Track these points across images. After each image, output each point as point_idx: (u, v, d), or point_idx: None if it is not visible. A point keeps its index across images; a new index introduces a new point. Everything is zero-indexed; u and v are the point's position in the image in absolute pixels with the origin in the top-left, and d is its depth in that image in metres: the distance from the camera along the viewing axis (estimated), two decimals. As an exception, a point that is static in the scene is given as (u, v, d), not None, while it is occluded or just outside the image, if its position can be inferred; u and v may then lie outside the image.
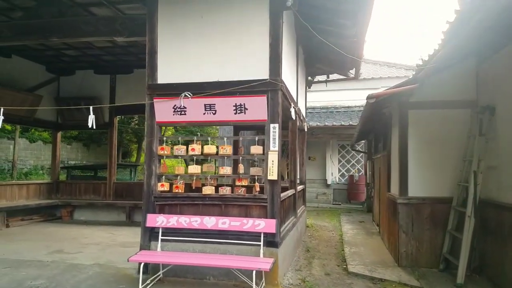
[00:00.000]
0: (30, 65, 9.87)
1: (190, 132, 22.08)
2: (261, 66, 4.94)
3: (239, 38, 5.07)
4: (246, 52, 5.04)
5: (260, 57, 4.96)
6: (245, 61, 5.03)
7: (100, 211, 10.33)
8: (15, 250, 6.45)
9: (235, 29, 5.10)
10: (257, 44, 4.99)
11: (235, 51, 5.09)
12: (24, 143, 21.27)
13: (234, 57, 5.10)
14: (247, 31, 5.06)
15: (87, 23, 5.60)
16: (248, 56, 5.03)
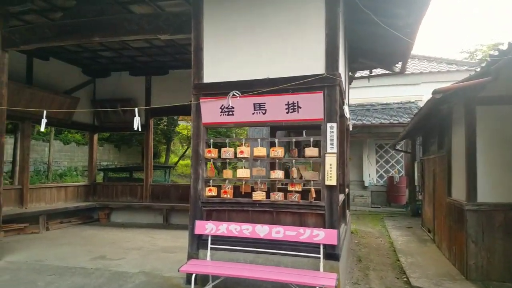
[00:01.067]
0: (67, 68, 9.88)
1: (218, 133, 21.91)
2: (316, 60, 4.54)
3: (292, 30, 4.69)
4: (299, 45, 4.66)
5: (315, 50, 4.57)
6: (298, 55, 4.65)
7: (137, 213, 10.23)
8: (57, 256, 6.35)
9: (287, 20, 4.72)
10: (311, 36, 4.60)
11: (287, 44, 4.71)
12: (59, 145, 21.72)
13: (285, 51, 4.72)
14: (300, 22, 4.66)
15: (130, 21, 5.37)
16: (301, 49, 4.65)
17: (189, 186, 4.73)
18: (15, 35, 5.97)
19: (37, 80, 8.89)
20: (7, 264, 5.83)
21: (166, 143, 26.31)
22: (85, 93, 10.34)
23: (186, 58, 9.25)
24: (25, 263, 5.85)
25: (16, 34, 5.97)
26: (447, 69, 16.19)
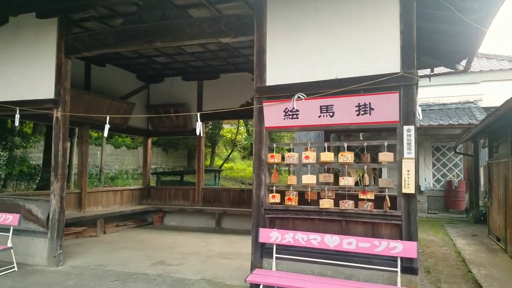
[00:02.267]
0: (123, 74, 10.13)
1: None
2: (390, 57, 4.22)
3: (361, 27, 4.39)
4: (370, 43, 4.35)
5: (388, 47, 4.24)
6: (369, 53, 4.34)
7: (189, 217, 10.27)
8: (118, 260, 6.41)
9: (356, 16, 4.43)
10: (384, 32, 4.28)
11: (356, 43, 4.42)
12: (110, 149, 22.61)
13: (355, 50, 4.42)
14: (371, 18, 4.36)
15: (192, 25, 5.31)
16: (372, 47, 4.33)
17: (241, 191, 4.59)
18: (77, 42, 6.12)
19: (95, 86, 9.17)
20: (70, 268, 5.94)
21: (211, 147, 26.64)
22: (140, 99, 10.55)
23: (238, 61, 9.20)
24: (87, 268, 5.94)
25: (78, 41, 6.12)
26: (509, 66, 14.99)
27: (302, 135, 13.16)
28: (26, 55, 6.46)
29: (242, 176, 25.41)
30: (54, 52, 6.16)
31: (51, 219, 6.04)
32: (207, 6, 5.99)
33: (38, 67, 6.33)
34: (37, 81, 6.30)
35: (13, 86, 6.49)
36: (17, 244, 5.89)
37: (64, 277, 5.49)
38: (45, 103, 6.16)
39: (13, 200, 6.50)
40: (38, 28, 6.37)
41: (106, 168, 21.25)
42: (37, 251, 6.09)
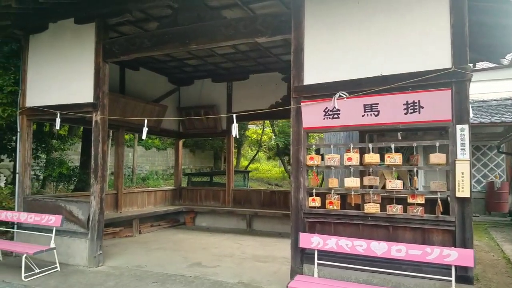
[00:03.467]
0: (155, 77, 10.25)
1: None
2: (440, 52, 4.00)
3: (407, 21, 4.20)
4: (417, 37, 4.14)
5: (438, 41, 4.03)
6: (417, 48, 4.13)
7: (220, 218, 10.26)
8: (155, 261, 6.44)
9: (401, 10, 4.23)
10: (432, 26, 4.06)
11: (402, 37, 4.22)
12: (141, 150, 23.07)
13: (400, 45, 4.23)
14: (418, 10, 4.16)
15: (227, 26, 5.25)
16: (420, 41, 4.13)
17: (271, 192, 4.47)
18: (115, 46, 6.19)
19: (129, 90, 9.31)
20: (109, 269, 6.01)
21: (237, 147, 26.71)
22: (171, 101, 10.65)
23: (268, 61, 9.10)
24: (126, 269, 6.00)
25: (115, 45, 6.20)
26: (556, 59, 14.10)
27: (332, 136, 12.89)
28: (65, 60, 6.61)
29: (268, 176, 25.30)
30: (92, 56, 6.26)
31: (91, 220, 6.15)
32: (241, 6, 5.92)
33: (77, 72, 6.46)
34: (77, 85, 6.43)
35: (54, 91, 6.65)
36: (58, 245, 6.03)
37: (104, 277, 5.56)
38: (84, 107, 6.28)
39: (55, 202, 6.67)
40: (77, 34, 6.50)
41: (137, 169, 21.71)
42: (78, 252, 6.22)
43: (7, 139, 9.24)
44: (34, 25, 6.85)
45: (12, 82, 7.19)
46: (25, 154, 6.96)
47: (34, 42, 6.97)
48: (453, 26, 3.94)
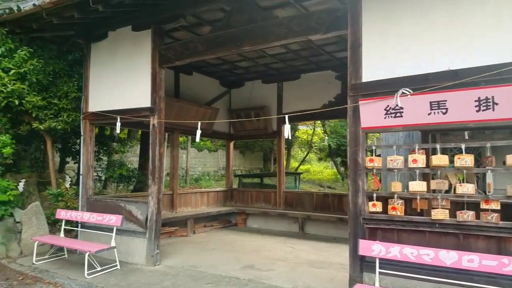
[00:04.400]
0: (207, 80, 10.45)
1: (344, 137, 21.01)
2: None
3: (477, 8, 3.82)
4: (489, 27, 3.76)
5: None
6: (489, 39, 3.75)
7: (272, 220, 10.18)
8: (209, 262, 6.51)
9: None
10: (508, 13, 3.65)
11: (471, 27, 3.86)
12: (193, 152, 23.72)
13: (470, 35, 3.87)
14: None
15: (280, 25, 5.17)
16: (492, 32, 3.74)
17: (324, 195, 4.27)
18: (170, 51, 6.35)
19: (183, 94, 9.56)
20: (166, 268, 6.16)
21: (286, 148, 26.53)
22: (223, 104, 10.79)
23: (321, 59, 8.89)
24: (181, 269, 6.11)
25: (171, 50, 6.35)
26: None
27: (389, 136, 12.30)
28: (124, 66, 6.90)
29: (320, 178, 24.81)
30: (149, 62, 6.47)
31: (149, 220, 6.34)
32: (293, 5, 5.81)
33: (135, 78, 6.72)
34: (135, 90, 6.68)
35: (114, 96, 6.97)
36: (118, 243, 6.28)
37: (161, 277, 5.69)
38: (142, 111, 6.51)
39: (115, 202, 6.98)
40: (134, 41, 6.76)
41: (190, 170, 22.35)
42: (137, 251, 6.44)
43: (71, 143, 9.88)
44: (95, 34, 7.24)
45: (76, 88, 7.66)
46: (88, 157, 7.36)
47: (95, 50, 7.36)
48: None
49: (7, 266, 6.04)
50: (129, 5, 5.86)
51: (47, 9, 5.96)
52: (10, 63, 6.92)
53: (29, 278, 5.46)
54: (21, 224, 6.86)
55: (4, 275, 5.57)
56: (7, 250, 6.59)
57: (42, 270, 5.87)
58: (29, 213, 6.92)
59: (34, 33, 7.14)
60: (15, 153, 7.38)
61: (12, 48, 7.06)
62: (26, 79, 7.08)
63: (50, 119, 7.43)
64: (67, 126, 7.66)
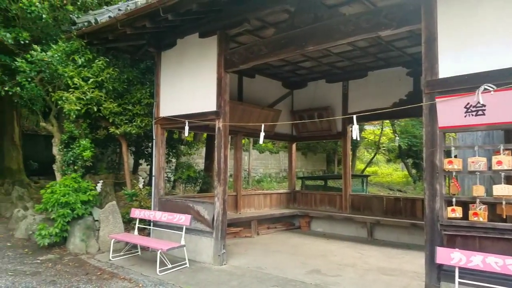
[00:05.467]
0: (269, 83, 10.49)
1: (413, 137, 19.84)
2: None
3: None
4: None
5: None
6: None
7: (337, 224, 9.90)
8: (274, 264, 6.49)
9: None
10: None
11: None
12: (255, 154, 24.01)
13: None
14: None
15: (346, 23, 5.01)
16: None
17: (395, 199, 3.98)
18: (234, 56, 6.46)
19: (246, 97, 9.70)
20: (232, 268, 6.25)
21: (352, 149, 25.73)
22: (285, 105, 10.76)
23: (390, 56, 8.48)
24: (247, 270, 6.16)
25: (235, 55, 6.46)
26: None
27: (467, 136, 11.35)
28: (191, 72, 7.17)
29: (389, 181, 23.69)
30: (214, 67, 6.65)
31: (215, 220, 6.50)
32: (361, 1, 5.60)
33: (201, 83, 6.94)
34: (201, 95, 6.90)
35: (182, 101, 7.27)
36: (187, 242, 6.50)
37: (228, 276, 5.79)
38: (209, 115, 6.70)
39: (184, 202, 7.26)
40: (200, 47, 6.99)
41: (252, 172, 22.65)
42: (204, 250, 6.63)
43: (144, 146, 10.52)
44: (164, 42, 7.62)
45: (148, 95, 8.12)
46: (160, 159, 7.76)
47: (165, 58, 7.74)
48: None
49: (86, 261, 6.53)
50: (196, 13, 6.07)
51: (121, 20, 6.40)
52: (89, 72, 7.52)
53: (106, 273, 5.84)
54: (99, 222, 7.39)
55: (84, 270, 6.02)
56: (87, 246, 7.14)
57: (118, 266, 6.25)
58: (106, 212, 7.43)
59: (110, 43, 7.72)
60: (94, 156, 8.01)
61: (90, 58, 7.68)
62: (103, 87, 7.65)
63: (125, 124, 7.96)
64: (141, 130, 8.14)
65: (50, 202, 6.96)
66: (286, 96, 10.85)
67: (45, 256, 6.65)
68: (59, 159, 8.13)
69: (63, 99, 7.30)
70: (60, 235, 7.00)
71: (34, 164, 16.11)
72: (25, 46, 7.98)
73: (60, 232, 6.96)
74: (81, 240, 7.10)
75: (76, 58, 7.50)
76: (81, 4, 8.28)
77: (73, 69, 7.44)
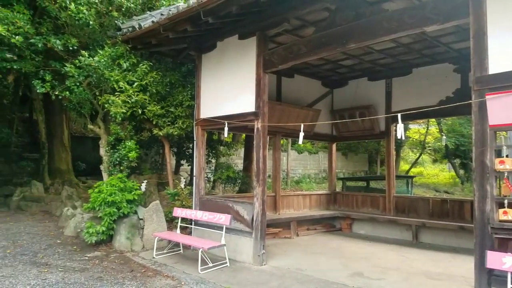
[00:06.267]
0: (308, 82, 10.39)
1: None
2: None
3: None
4: None
5: None
6: None
7: (380, 226, 9.60)
8: (314, 266, 6.41)
9: None
10: None
11: None
12: (294, 154, 23.86)
13: None
14: None
15: (390, 19, 4.86)
16: None
17: (442, 201, 3.78)
18: (273, 56, 6.46)
19: (284, 97, 9.67)
20: (272, 269, 6.24)
21: (395, 149, 24.88)
22: (324, 105, 10.62)
23: (435, 52, 8.14)
24: (287, 270, 6.13)
25: (274, 55, 6.46)
26: None
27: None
28: (230, 74, 7.27)
29: (435, 182, 22.68)
30: (253, 69, 6.68)
31: (255, 220, 6.53)
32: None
33: (240, 84, 7.01)
34: (240, 96, 6.97)
35: (222, 103, 7.38)
36: (227, 241, 6.57)
37: (268, 277, 5.79)
38: (248, 116, 6.75)
39: (224, 202, 7.36)
40: (239, 49, 7.06)
41: (291, 172, 22.53)
42: (244, 250, 6.68)
43: (185, 147, 10.79)
44: (205, 45, 7.78)
45: (189, 97, 8.32)
46: (200, 160, 7.92)
47: (206, 60, 7.90)
48: None
49: (131, 259, 6.77)
50: (236, 15, 6.14)
51: (164, 25, 6.61)
52: (133, 76, 7.83)
53: (150, 271, 6.03)
54: (143, 221, 7.63)
55: (129, 267, 6.25)
56: (132, 244, 7.40)
57: (161, 264, 6.43)
58: (150, 210, 7.68)
59: (153, 48, 7.99)
60: (138, 157, 8.32)
61: (134, 62, 7.99)
62: (147, 90, 7.94)
63: (168, 126, 8.21)
64: (182, 132, 8.36)
65: (97, 201, 7.29)
66: (325, 96, 10.70)
67: (92, 253, 6.98)
68: (106, 160, 8.54)
69: (109, 102, 7.65)
70: (107, 233, 7.33)
71: (82, 165, 17.05)
72: (73, 52, 8.45)
73: (107, 230, 7.29)
74: (126, 238, 7.38)
75: (122, 62, 7.83)
76: (125, 10, 8.64)
77: (119, 73, 7.78)
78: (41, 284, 5.19)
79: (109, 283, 5.36)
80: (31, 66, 8.60)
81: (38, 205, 11.36)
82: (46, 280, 5.33)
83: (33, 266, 5.99)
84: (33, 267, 5.94)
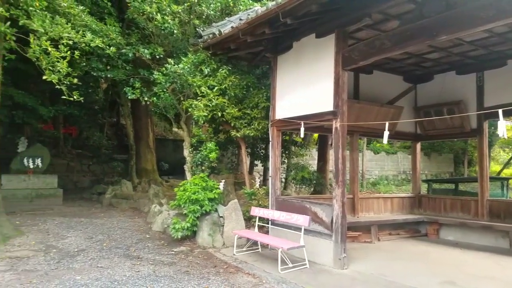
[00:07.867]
0: (388, 78, 9.86)
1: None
2: None
3: None
4: None
5: None
6: None
7: (471, 232, 8.77)
8: (399, 272, 6.06)
9: None
10: None
11: None
12: (369, 155, 22.90)
13: None
14: None
15: (486, 8, 4.40)
16: None
17: None
18: (354, 53, 6.24)
19: (362, 94, 9.30)
20: (353, 273, 6.03)
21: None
22: (407, 101, 9.99)
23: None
24: (371, 276, 5.88)
25: (355, 52, 6.24)
26: None
27: None
28: (306, 73, 7.18)
29: None
30: (331, 67, 6.52)
31: (334, 223, 6.37)
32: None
33: (316, 83, 6.90)
34: (316, 96, 6.87)
35: (297, 103, 7.34)
36: (304, 243, 6.48)
37: (350, 281, 5.61)
38: (325, 115, 6.62)
39: (300, 203, 7.30)
40: (316, 48, 6.95)
41: (366, 174, 21.67)
42: (323, 252, 6.54)
43: (259, 148, 10.96)
44: (281, 46, 7.81)
45: (265, 99, 8.44)
46: (276, 160, 7.97)
47: (281, 62, 7.93)
48: None
49: (213, 255, 7.03)
50: (314, 14, 6.06)
51: (242, 29, 6.77)
52: (213, 81, 8.16)
53: (232, 267, 6.20)
54: (223, 219, 7.90)
55: (212, 262, 6.49)
56: (213, 240, 7.69)
57: (242, 261, 6.57)
58: (229, 209, 7.92)
59: (232, 52, 8.24)
60: (217, 157, 8.65)
61: (214, 68, 8.32)
62: (226, 94, 8.22)
63: (245, 127, 8.42)
64: (258, 133, 8.52)
65: (182, 199, 7.72)
66: (408, 92, 10.05)
67: (178, 248, 7.39)
68: (189, 160, 9.01)
69: (192, 106, 8.06)
70: (191, 229, 7.72)
71: (164, 165, 18.26)
72: (159, 60, 9.07)
73: (191, 227, 7.68)
74: (209, 235, 7.70)
75: (203, 68, 8.21)
76: (205, 18, 9.04)
77: (201, 78, 8.17)
78: (135, 275, 5.62)
79: (195, 277, 5.63)
80: (122, 74, 9.42)
81: (127, 202, 12.39)
82: (139, 273, 5.77)
83: (127, 259, 6.53)
84: (127, 260, 6.47)
